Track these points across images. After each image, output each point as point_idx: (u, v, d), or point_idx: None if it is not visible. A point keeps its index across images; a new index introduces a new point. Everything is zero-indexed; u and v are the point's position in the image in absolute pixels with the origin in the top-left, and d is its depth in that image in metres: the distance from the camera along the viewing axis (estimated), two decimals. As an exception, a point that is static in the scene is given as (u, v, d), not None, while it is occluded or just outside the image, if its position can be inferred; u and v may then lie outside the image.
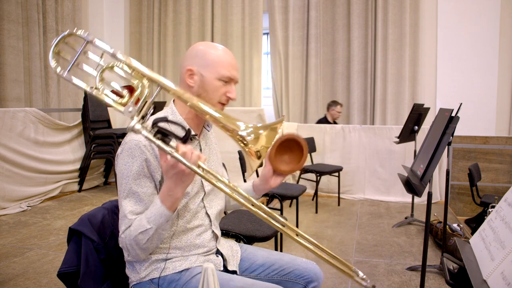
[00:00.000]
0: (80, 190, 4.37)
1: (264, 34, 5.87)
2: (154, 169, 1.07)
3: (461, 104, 2.12)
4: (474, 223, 3.58)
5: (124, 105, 0.90)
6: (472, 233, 2.20)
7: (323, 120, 4.94)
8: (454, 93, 4.95)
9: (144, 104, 0.89)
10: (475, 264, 1.03)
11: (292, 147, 1.12)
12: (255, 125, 0.94)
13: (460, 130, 3.98)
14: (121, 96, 0.91)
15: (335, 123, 4.94)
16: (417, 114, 3.49)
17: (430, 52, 5.11)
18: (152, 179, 1.08)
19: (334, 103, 4.93)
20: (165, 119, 0.91)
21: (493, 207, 1.21)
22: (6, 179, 3.51)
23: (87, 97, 4.48)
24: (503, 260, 0.92)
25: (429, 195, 2.00)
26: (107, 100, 0.91)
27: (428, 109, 3.67)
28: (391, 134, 4.40)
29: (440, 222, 3.04)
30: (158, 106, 4.65)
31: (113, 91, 0.93)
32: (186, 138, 0.92)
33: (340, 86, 5.45)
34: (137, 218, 1.04)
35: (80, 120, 4.54)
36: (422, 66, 5.11)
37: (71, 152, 4.35)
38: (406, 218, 3.65)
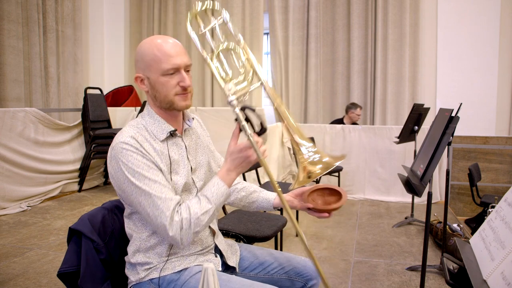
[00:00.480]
0: (80, 190, 4.36)
1: (264, 34, 5.87)
2: (152, 160, 1.07)
3: (461, 104, 2.12)
4: (474, 223, 3.58)
5: (225, 82, 1.08)
6: (472, 233, 2.20)
7: (337, 122, 4.86)
8: (454, 93, 4.96)
9: (244, 90, 1.08)
10: (475, 264, 1.03)
11: (332, 196, 1.23)
12: (319, 150, 1.09)
13: (460, 130, 3.98)
14: (225, 75, 1.10)
15: (355, 124, 4.85)
16: (417, 114, 3.48)
17: (430, 52, 5.11)
18: (157, 167, 1.07)
19: (353, 105, 4.81)
20: (252, 109, 1.04)
21: (493, 207, 1.21)
22: (6, 179, 3.51)
23: (87, 97, 4.48)
24: (503, 260, 0.92)
25: (429, 195, 2.00)
26: (215, 72, 1.09)
27: (428, 109, 3.67)
28: (391, 134, 4.39)
29: (440, 222, 3.04)
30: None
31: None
32: (261, 133, 1.05)
33: (340, 86, 5.45)
34: (192, 200, 1.05)
35: (80, 120, 4.54)
36: (422, 66, 5.11)
37: (71, 152, 4.35)
38: (406, 218, 3.65)
